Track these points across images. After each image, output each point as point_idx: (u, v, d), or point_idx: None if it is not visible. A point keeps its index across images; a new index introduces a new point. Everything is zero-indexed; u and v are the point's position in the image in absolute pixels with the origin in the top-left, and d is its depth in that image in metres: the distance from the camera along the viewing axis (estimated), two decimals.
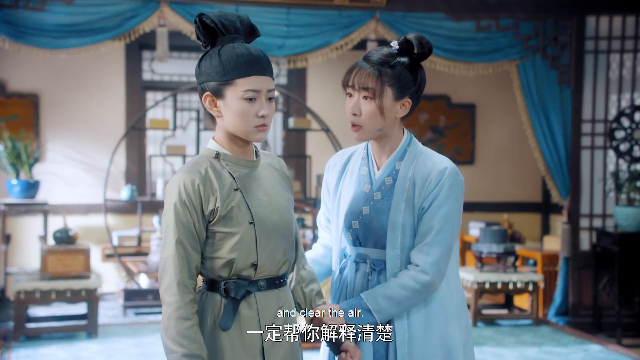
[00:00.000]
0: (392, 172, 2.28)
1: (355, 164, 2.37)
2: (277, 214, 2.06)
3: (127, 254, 7.11)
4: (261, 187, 2.07)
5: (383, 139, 2.29)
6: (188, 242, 1.96)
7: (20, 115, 7.38)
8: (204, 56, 2.04)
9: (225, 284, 2.00)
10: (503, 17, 6.36)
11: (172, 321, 1.92)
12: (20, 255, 7.34)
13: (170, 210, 1.97)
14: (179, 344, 1.91)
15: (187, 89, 7.19)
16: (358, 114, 2.25)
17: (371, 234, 2.25)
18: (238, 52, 1.99)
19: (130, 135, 7.56)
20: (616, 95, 6.46)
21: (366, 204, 2.28)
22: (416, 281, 2.17)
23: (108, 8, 5.86)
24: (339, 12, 6.20)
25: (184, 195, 1.96)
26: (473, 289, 6.24)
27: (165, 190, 2.01)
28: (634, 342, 5.87)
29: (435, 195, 2.19)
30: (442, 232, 2.18)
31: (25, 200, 6.60)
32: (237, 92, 1.99)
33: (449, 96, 8.49)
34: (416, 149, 2.30)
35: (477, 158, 8.58)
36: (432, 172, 2.21)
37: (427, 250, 2.18)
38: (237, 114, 2.00)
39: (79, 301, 5.80)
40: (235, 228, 1.98)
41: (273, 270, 2.04)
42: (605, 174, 6.42)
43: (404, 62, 2.22)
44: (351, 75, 2.25)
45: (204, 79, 2.02)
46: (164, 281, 1.96)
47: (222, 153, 2.04)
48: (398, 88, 2.21)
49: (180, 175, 1.98)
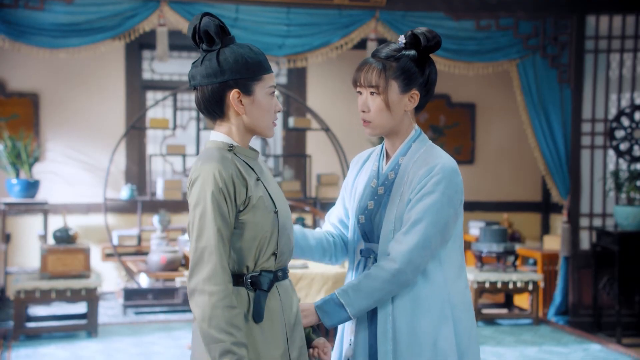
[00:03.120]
0: (395, 167, 2.28)
1: (371, 160, 2.38)
2: (285, 205, 2.12)
3: (127, 253, 7.11)
4: (269, 179, 2.12)
5: (393, 134, 2.29)
6: (225, 232, 1.95)
7: (20, 115, 7.38)
8: (218, 54, 2.02)
9: (251, 276, 2.01)
10: (503, 16, 6.36)
11: (218, 310, 1.89)
12: (20, 255, 7.34)
13: (206, 199, 1.94)
14: (228, 333, 1.89)
15: (187, 88, 7.19)
16: (367, 110, 2.26)
17: (375, 228, 2.26)
18: (255, 50, 2.05)
19: (130, 135, 7.56)
20: (616, 94, 6.46)
21: (371, 198, 2.29)
22: (384, 270, 2.14)
23: (108, 7, 5.86)
24: (339, 11, 6.20)
25: (220, 183, 1.95)
26: (473, 288, 6.25)
27: (192, 180, 1.98)
28: (634, 342, 5.87)
29: (420, 187, 2.18)
30: (419, 223, 2.15)
31: (25, 199, 6.61)
32: (264, 88, 2.04)
33: (449, 95, 8.49)
34: (422, 144, 2.29)
35: (477, 157, 8.58)
36: (424, 166, 2.20)
37: (401, 239, 2.16)
38: (264, 110, 2.05)
39: (79, 300, 5.80)
40: (262, 218, 2.00)
41: (285, 260, 2.09)
42: (605, 174, 6.42)
43: (409, 54, 2.23)
44: (359, 73, 2.29)
45: (229, 76, 2.01)
46: (202, 271, 1.92)
47: (235, 146, 2.06)
48: (403, 81, 2.22)
49: (213, 164, 1.96)
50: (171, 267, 5.79)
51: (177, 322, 6.32)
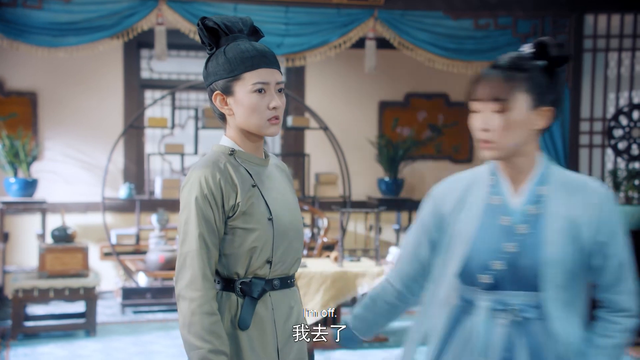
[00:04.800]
0: (535, 199, 1.94)
1: (477, 194, 1.99)
2: (290, 212, 2.06)
3: (125, 252, 7.11)
4: (274, 186, 2.06)
5: (518, 158, 1.94)
6: (209, 237, 1.94)
7: (18, 114, 7.37)
8: (210, 58, 2.04)
9: (241, 282, 1.99)
10: (502, 15, 6.36)
11: (196, 317, 1.88)
12: (19, 254, 7.34)
13: (190, 204, 1.94)
14: (205, 340, 1.88)
15: (186, 87, 7.19)
16: (489, 129, 1.90)
17: (519, 274, 1.91)
18: (243, 47, 2.00)
19: (129, 134, 7.55)
20: (614, 93, 6.47)
21: (510, 239, 1.92)
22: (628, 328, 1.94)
23: (106, 6, 5.86)
24: (337, 10, 6.20)
25: (205, 190, 1.94)
26: None
27: (182, 185, 1.99)
28: (633, 341, 5.87)
29: (609, 224, 1.90)
30: (630, 264, 1.95)
31: (23, 198, 6.60)
32: (246, 86, 1.98)
33: (447, 94, 8.49)
34: (556, 169, 1.99)
35: (476, 156, 8.58)
36: (593, 197, 1.91)
37: (624, 288, 1.94)
38: (248, 108, 1.99)
39: (78, 299, 5.79)
40: (254, 224, 1.97)
41: (286, 269, 2.04)
42: (604, 172, 6.43)
43: (539, 65, 1.95)
44: (478, 86, 1.93)
45: (212, 79, 2.02)
46: (184, 276, 1.92)
47: (236, 150, 2.03)
48: (533, 95, 1.91)
49: (200, 169, 1.96)
50: (170, 266, 5.78)
51: (176, 321, 6.29)
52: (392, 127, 8.32)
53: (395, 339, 5.73)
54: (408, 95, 8.43)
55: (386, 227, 8.03)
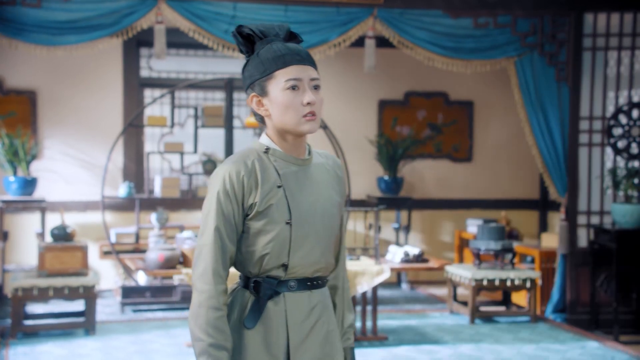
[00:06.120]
0: None
1: None
2: (319, 215, 2.03)
3: (124, 251, 7.10)
4: (307, 187, 2.04)
5: None
6: (226, 231, 1.96)
7: (17, 112, 7.37)
8: (246, 63, 2.06)
9: (254, 281, 2.00)
10: (501, 14, 6.36)
11: (202, 309, 1.93)
12: (18, 252, 7.34)
13: (212, 198, 1.97)
14: (207, 333, 1.92)
15: (185, 85, 7.18)
16: None
17: None
18: (275, 47, 2.01)
19: (128, 133, 7.55)
20: (614, 92, 6.46)
21: None
22: None
23: (105, 5, 5.85)
24: (336, 9, 6.20)
25: (227, 185, 1.96)
26: (471, 285, 6.25)
27: (209, 179, 2.02)
28: (632, 339, 5.88)
29: None
30: None
31: (22, 197, 6.60)
32: (279, 84, 1.98)
33: (446, 93, 8.49)
34: None
35: (475, 155, 8.58)
36: None
37: None
38: (282, 106, 1.98)
39: (77, 298, 5.79)
40: (270, 226, 1.97)
41: (306, 272, 2.02)
42: (603, 171, 6.43)
43: None
44: None
45: (248, 82, 2.04)
46: (198, 268, 1.96)
47: (271, 148, 2.03)
48: None
49: (227, 165, 1.99)
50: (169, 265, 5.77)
51: (175, 320, 6.31)
52: (392, 126, 8.31)
53: (395, 338, 5.73)
54: (407, 94, 8.43)
55: (386, 225, 8.04)
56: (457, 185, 8.52)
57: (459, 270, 6.47)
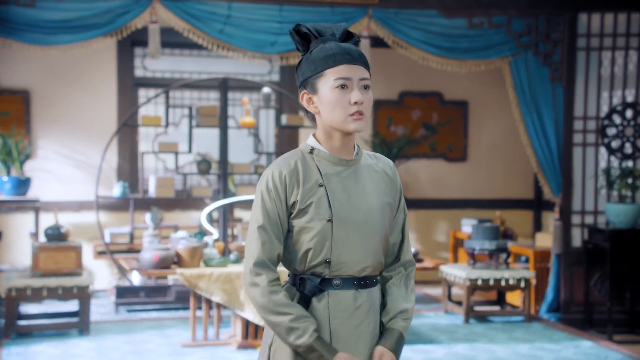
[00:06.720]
0: None
1: None
2: (363, 214, 2.06)
3: (119, 251, 7.09)
4: (352, 187, 2.07)
5: None
6: (271, 228, 2.03)
7: (11, 112, 7.35)
8: (300, 61, 2.10)
9: (300, 278, 2.06)
10: (495, 14, 6.37)
11: (265, 298, 1.99)
12: (12, 252, 7.32)
13: (258, 198, 2.06)
14: (282, 314, 1.98)
15: (180, 85, 7.17)
16: None
17: None
18: (327, 47, 2.05)
19: (122, 132, 7.53)
20: (608, 92, 6.48)
21: None
22: None
23: (100, 4, 5.84)
24: (331, 8, 6.20)
25: (270, 184, 2.04)
26: (465, 285, 6.26)
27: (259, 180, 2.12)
28: (625, 338, 5.89)
29: None
30: None
31: (16, 197, 6.57)
32: (328, 82, 2.03)
33: (441, 93, 8.50)
34: None
35: (470, 155, 8.59)
36: None
37: None
38: (330, 104, 2.03)
39: (71, 298, 5.77)
40: (312, 223, 2.02)
41: (352, 270, 2.05)
42: (597, 171, 6.44)
43: None
44: None
45: (300, 80, 2.09)
46: (246, 264, 2.05)
47: (316, 149, 2.09)
48: None
49: (272, 166, 2.07)
50: (163, 265, 5.75)
51: (170, 320, 6.31)
52: (386, 126, 8.32)
53: None
54: (402, 93, 8.44)
55: None
56: (451, 185, 8.53)
57: (453, 270, 6.48)
